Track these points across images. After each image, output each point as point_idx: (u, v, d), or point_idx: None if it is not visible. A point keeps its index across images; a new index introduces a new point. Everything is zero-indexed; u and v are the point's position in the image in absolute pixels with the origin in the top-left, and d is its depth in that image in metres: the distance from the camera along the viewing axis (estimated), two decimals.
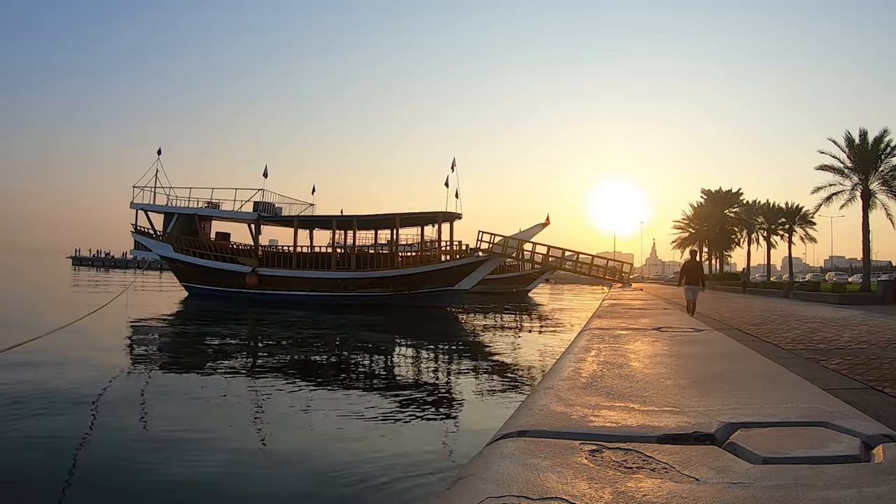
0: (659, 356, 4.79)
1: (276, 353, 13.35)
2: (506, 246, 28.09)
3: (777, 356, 5.52)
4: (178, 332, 16.79)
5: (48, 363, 9.13)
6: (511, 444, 2.15)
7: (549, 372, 4.10)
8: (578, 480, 1.77)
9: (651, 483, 1.76)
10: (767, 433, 2.30)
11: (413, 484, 4.82)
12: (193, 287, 29.56)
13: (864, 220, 28.80)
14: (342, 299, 27.30)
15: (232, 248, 30.49)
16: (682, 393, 3.14)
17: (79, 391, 7.83)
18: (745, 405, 2.82)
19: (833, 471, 1.86)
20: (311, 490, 4.71)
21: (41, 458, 5.25)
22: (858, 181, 29.53)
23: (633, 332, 6.87)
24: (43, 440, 5.73)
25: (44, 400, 7.20)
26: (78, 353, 10.57)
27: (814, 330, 8.56)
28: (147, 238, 30.53)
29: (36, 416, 6.55)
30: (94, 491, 4.68)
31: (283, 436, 6.26)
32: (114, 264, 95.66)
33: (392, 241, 30.43)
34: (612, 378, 3.61)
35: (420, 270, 27.71)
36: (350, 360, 12.62)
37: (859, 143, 29.48)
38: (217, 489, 4.72)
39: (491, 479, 1.77)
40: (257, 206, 29.63)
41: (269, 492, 4.67)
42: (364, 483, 4.81)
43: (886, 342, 6.89)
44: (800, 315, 12.11)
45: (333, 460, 5.37)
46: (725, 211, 56.12)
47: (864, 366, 5.10)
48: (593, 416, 2.57)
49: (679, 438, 2.23)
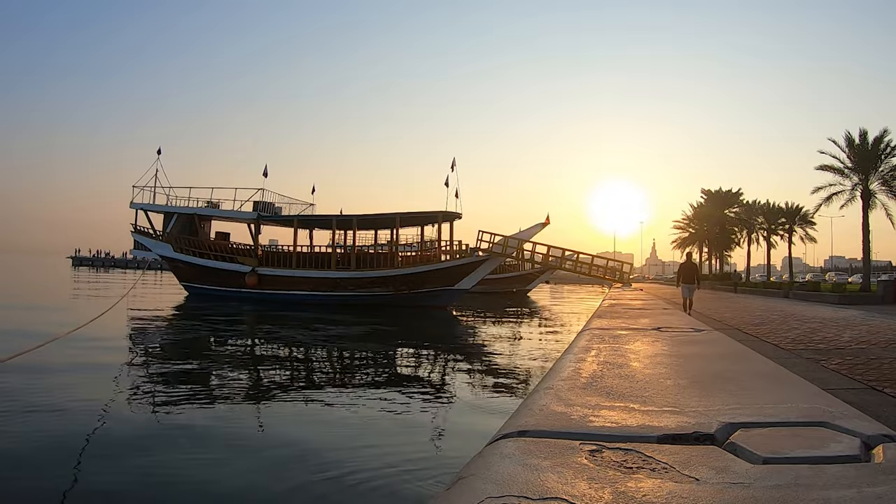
0: (659, 356, 4.79)
1: (275, 353, 13.35)
2: (506, 246, 28.10)
3: (777, 356, 5.52)
4: (178, 333, 16.79)
5: (49, 370, 9.11)
6: (511, 444, 2.15)
7: (549, 372, 4.10)
8: (578, 480, 1.77)
9: (651, 483, 1.76)
10: (767, 433, 2.30)
11: (413, 484, 4.82)
12: (193, 287, 29.56)
13: (864, 220, 28.81)
14: (342, 299, 27.30)
15: (232, 248, 30.48)
16: (682, 393, 3.14)
17: (80, 392, 7.84)
18: (745, 405, 2.82)
19: (833, 471, 1.86)
20: (310, 490, 4.71)
21: (41, 458, 5.26)
22: (858, 181, 29.55)
23: (633, 332, 6.87)
24: (43, 440, 5.74)
25: (44, 402, 7.22)
26: (79, 356, 10.56)
27: (814, 330, 8.56)
28: (147, 238, 30.53)
29: (36, 417, 6.56)
30: (94, 491, 4.68)
31: (281, 436, 6.25)
32: (114, 264, 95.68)
33: (392, 241, 30.44)
34: (612, 378, 3.61)
35: (420, 270, 27.72)
36: (349, 359, 12.61)
37: (859, 143, 29.50)
38: (216, 489, 4.72)
39: (491, 479, 1.76)
40: (257, 205, 29.63)
41: (268, 491, 4.67)
42: (363, 483, 4.81)
43: (886, 342, 6.89)
44: (800, 315, 12.10)
45: (332, 460, 5.37)
46: (725, 211, 56.13)
47: (864, 366, 5.10)
48: (593, 416, 2.57)
49: (679, 438, 2.23)
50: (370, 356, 13.06)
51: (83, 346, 11.09)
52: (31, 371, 8.61)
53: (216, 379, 9.55)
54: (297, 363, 11.80)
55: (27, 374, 8.43)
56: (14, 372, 8.18)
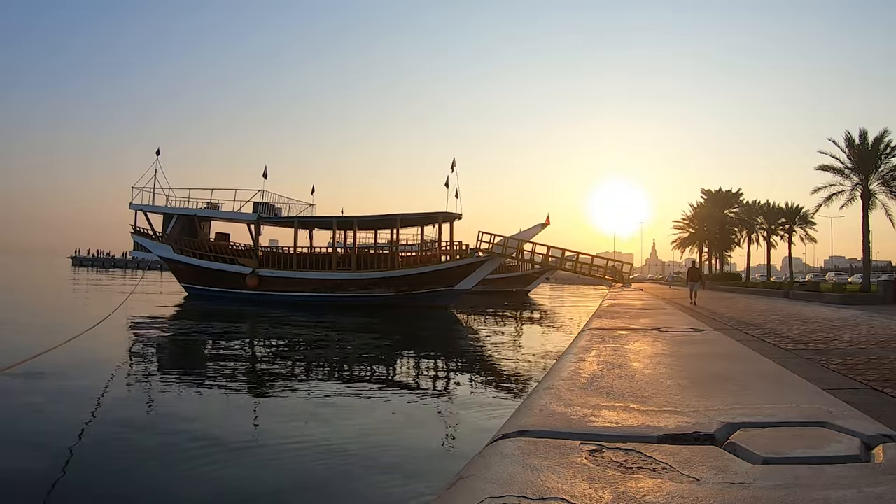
0: (659, 356, 4.80)
1: (275, 353, 13.35)
2: (506, 246, 28.10)
3: (777, 356, 5.52)
4: (177, 335, 16.78)
5: (51, 373, 9.11)
6: (511, 444, 2.15)
7: (549, 372, 4.10)
8: (578, 480, 1.77)
9: (651, 483, 1.76)
10: (767, 433, 2.30)
11: (413, 484, 4.82)
12: (193, 288, 29.53)
13: (864, 220, 28.81)
14: (343, 300, 27.30)
15: (232, 249, 30.45)
16: (682, 393, 3.14)
17: (80, 394, 7.84)
18: (744, 405, 2.82)
19: (833, 471, 1.86)
20: (310, 490, 4.71)
21: (41, 458, 5.26)
22: (858, 181, 29.54)
23: (633, 333, 6.88)
24: (42, 441, 5.74)
25: (45, 405, 7.22)
26: (79, 359, 10.55)
27: (814, 330, 8.56)
28: (147, 239, 30.50)
29: (36, 419, 6.56)
30: (93, 491, 4.68)
31: (281, 436, 6.25)
32: (114, 265, 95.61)
33: (392, 242, 30.44)
34: (612, 378, 3.61)
35: (420, 271, 27.72)
36: (349, 360, 12.61)
37: (859, 144, 29.50)
38: (215, 488, 4.72)
39: (491, 479, 1.77)
40: (257, 206, 29.62)
41: (267, 491, 4.66)
42: (363, 483, 4.81)
43: (886, 342, 6.89)
44: (800, 315, 12.10)
45: (332, 460, 5.37)
46: (725, 211, 56.15)
47: (864, 366, 5.10)
48: (593, 417, 2.57)
49: (679, 438, 2.23)
50: (370, 356, 13.05)
51: (83, 348, 11.09)
52: (33, 375, 8.61)
53: (216, 379, 9.54)
54: (296, 364, 11.79)
55: (30, 379, 8.44)
56: (20, 377, 8.19)
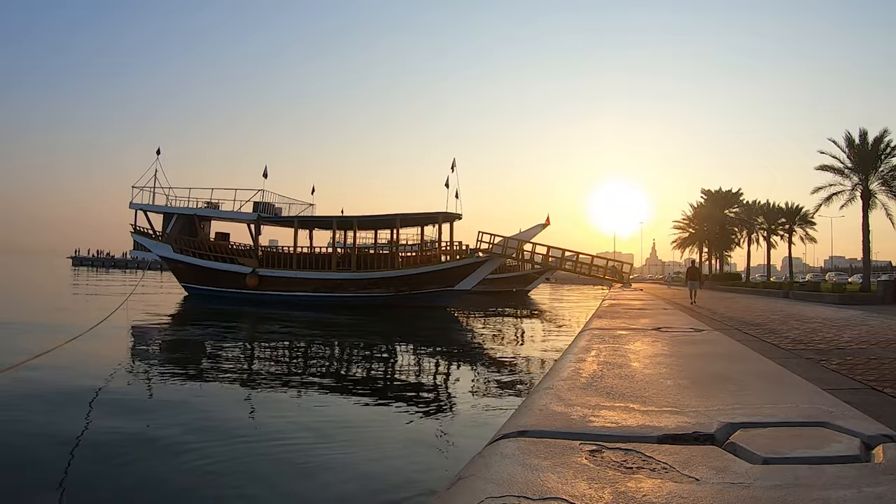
0: (659, 356, 4.80)
1: (275, 354, 13.34)
2: (506, 246, 28.12)
3: (777, 356, 5.52)
4: (177, 335, 16.78)
5: (52, 374, 9.11)
6: (511, 444, 2.15)
7: (549, 372, 4.10)
8: (578, 480, 1.77)
9: (651, 483, 1.76)
10: (767, 433, 2.30)
11: (413, 484, 4.82)
12: (193, 288, 29.54)
13: (864, 220, 28.81)
14: (342, 300, 27.31)
15: (232, 249, 30.45)
16: (682, 393, 3.14)
17: (79, 395, 7.84)
18: (744, 405, 2.82)
19: (833, 471, 1.86)
20: (310, 490, 4.71)
21: (42, 456, 5.26)
22: (858, 181, 29.55)
23: (633, 333, 6.88)
24: (42, 441, 5.74)
25: (46, 404, 7.24)
26: (80, 360, 10.56)
27: (814, 330, 8.56)
28: (146, 238, 30.50)
29: (36, 419, 6.57)
30: (93, 491, 4.68)
31: (280, 436, 6.24)
32: (113, 264, 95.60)
33: (392, 242, 30.45)
34: (612, 378, 3.61)
35: (420, 271, 27.73)
36: (349, 360, 12.61)
37: (859, 144, 29.50)
38: (213, 488, 4.72)
39: (491, 479, 1.77)
40: (257, 206, 29.63)
41: (266, 492, 4.66)
42: (363, 483, 4.80)
43: (886, 342, 6.89)
44: (799, 315, 12.10)
45: (331, 460, 5.37)
46: (725, 211, 56.17)
47: (864, 366, 5.10)
48: (593, 417, 2.57)
49: (679, 438, 2.23)
50: (370, 356, 13.06)
51: (83, 348, 11.10)
52: (33, 375, 8.62)
53: (216, 378, 9.54)
54: (296, 364, 11.79)
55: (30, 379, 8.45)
56: (20, 377, 8.19)
